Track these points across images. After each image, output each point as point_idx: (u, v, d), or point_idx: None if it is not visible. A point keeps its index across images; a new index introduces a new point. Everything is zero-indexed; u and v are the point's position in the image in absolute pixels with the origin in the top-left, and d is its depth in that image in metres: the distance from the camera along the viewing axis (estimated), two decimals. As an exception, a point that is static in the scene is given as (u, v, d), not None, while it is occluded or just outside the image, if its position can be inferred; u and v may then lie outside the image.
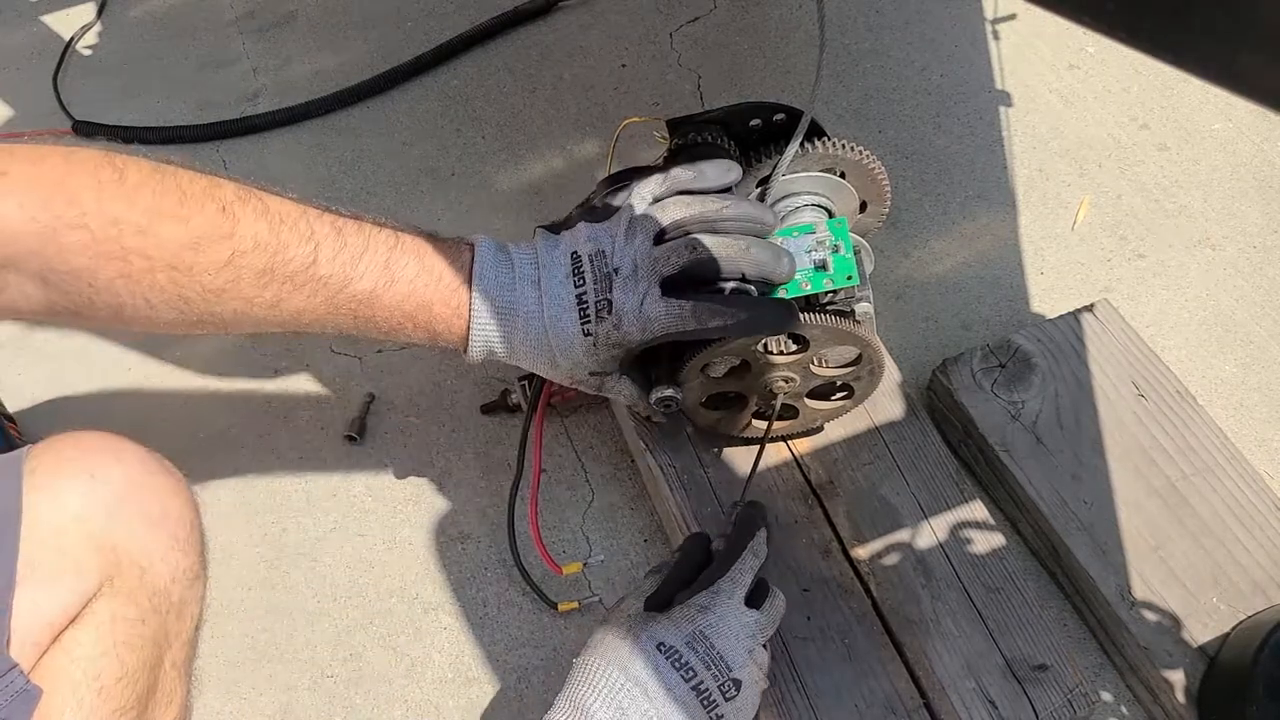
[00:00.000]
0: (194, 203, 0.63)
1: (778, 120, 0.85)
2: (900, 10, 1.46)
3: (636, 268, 0.72)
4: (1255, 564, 0.89)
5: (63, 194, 0.58)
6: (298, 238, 0.67)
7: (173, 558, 0.72)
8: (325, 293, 0.69)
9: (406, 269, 0.71)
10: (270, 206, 0.66)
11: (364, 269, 0.69)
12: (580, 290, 0.72)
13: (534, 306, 0.73)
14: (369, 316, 0.71)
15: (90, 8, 1.63)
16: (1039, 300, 1.16)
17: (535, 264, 0.74)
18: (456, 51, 1.46)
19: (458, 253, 0.73)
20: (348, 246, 0.69)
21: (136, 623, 0.68)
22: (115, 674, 0.65)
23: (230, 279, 0.65)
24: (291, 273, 0.66)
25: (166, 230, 0.61)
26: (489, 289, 0.72)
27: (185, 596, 0.74)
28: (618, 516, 1.02)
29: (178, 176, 0.63)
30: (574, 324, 0.73)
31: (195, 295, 0.64)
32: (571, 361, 0.75)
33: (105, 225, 0.58)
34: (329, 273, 0.68)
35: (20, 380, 1.17)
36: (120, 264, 0.60)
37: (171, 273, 0.62)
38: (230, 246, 0.64)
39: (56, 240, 0.57)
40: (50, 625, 0.64)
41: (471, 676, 0.94)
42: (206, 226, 0.63)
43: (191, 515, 0.76)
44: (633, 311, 0.72)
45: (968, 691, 0.81)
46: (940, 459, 0.94)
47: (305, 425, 1.11)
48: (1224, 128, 1.31)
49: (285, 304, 0.68)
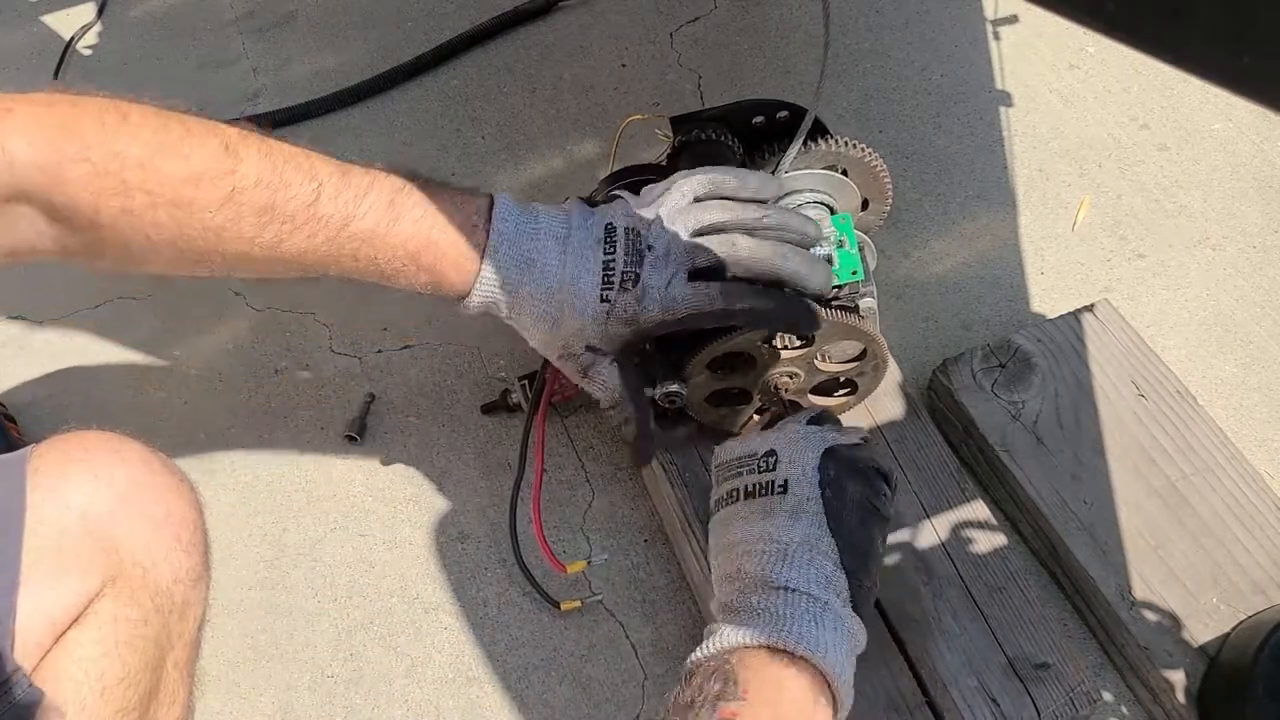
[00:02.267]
0: (196, 139, 0.63)
1: (781, 118, 0.85)
2: (900, 10, 1.46)
3: (670, 250, 0.72)
4: (1255, 564, 0.89)
5: (67, 131, 0.59)
6: (300, 176, 0.66)
7: (175, 558, 0.72)
8: (326, 232, 0.67)
9: (413, 210, 0.70)
10: (273, 147, 0.66)
11: (366, 207, 0.68)
12: (609, 258, 0.72)
13: (554, 260, 0.72)
14: (371, 257, 0.70)
15: (90, 8, 1.63)
16: (1039, 300, 1.16)
17: (566, 224, 0.73)
18: (456, 51, 1.46)
19: (471, 199, 0.73)
20: (351, 185, 0.68)
21: (139, 623, 0.68)
22: (117, 674, 0.65)
23: (230, 217, 0.64)
24: (293, 211, 0.66)
25: (168, 165, 0.62)
26: (509, 236, 0.71)
27: (188, 597, 0.74)
28: (618, 516, 1.02)
29: (182, 118, 0.64)
30: (594, 288, 0.72)
31: (195, 233, 0.64)
32: (576, 326, 0.74)
33: (107, 159, 0.60)
34: (331, 211, 0.67)
35: (20, 380, 1.17)
36: (122, 199, 0.61)
37: (172, 209, 0.62)
38: (231, 183, 0.63)
39: (61, 174, 0.59)
40: (52, 625, 0.64)
41: (472, 676, 0.94)
42: (208, 162, 0.63)
43: (195, 516, 0.76)
44: (658, 288, 0.72)
45: (970, 689, 0.82)
46: (941, 459, 0.94)
47: (305, 425, 1.11)
48: (1224, 128, 1.31)
49: (286, 244, 0.67)
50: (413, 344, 1.17)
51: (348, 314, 1.20)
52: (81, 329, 1.21)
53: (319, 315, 1.20)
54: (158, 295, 1.23)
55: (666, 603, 0.97)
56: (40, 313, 1.23)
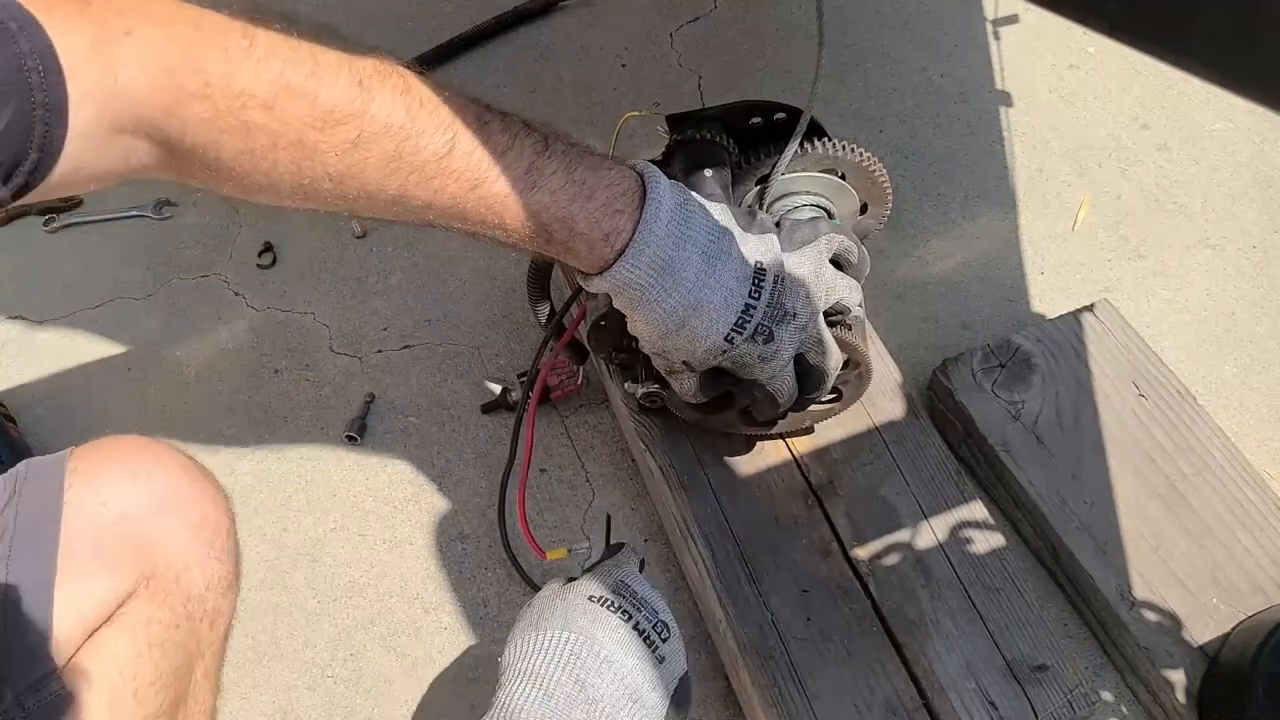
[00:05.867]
0: (327, 74, 0.58)
1: (778, 119, 0.85)
2: (900, 10, 1.46)
3: (806, 327, 0.72)
4: (1255, 564, 0.89)
5: (189, 62, 0.53)
6: (435, 124, 0.60)
7: (209, 565, 0.72)
8: (455, 188, 0.62)
9: (553, 178, 0.64)
10: (411, 86, 0.60)
11: (502, 169, 0.62)
12: (752, 302, 0.69)
13: (692, 276, 0.67)
14: (498, 221, 0.65)
15: (90, 7, 1.63)
16: (1039, 300, 1.16)
17: (716, 238, 0.69)
18: (456, 51, 1.46)
19: (620, 175, 0.67)
20: (490, 141, 0.62)
21: (170, 627, 0.68)
22: (149, 677, 0.65)
23: (355, 162, 0.59)
24: (422, 162, 0.60)
25: (294, 106, 0.56)
26: (659, 235, 0.66)
27: (219, 605, 0.74)
28: (618, 516, 1.02)
29: (313, 48, 0.59)
30: (725, 325, 0.69)
31: (318, 175, 0.59)
32: (687, 346, 0.71)
33: (229, 98, 0.54)
34: (463, 166, 0.62)
35: (21, 380, 1.17)
36: (244, 138, 0.56)
37: (294, 151, 0.58)
38: (358, 127, 0.58)
39: (179, 111, 0.54)
40: (84, 622, 0.64)
41: (472, 676, 0.94)
42: (336, 100, 0.57)
43: (228, 524, 0.76)
44: (783, 359, 0.72)
45: (968, 692, 0.81)
46: (940, 459, 0.94)
47: (305, 425, 1.11)
48: (1224, 128, 1.31)
49: (411, 195, 0.62)
50: (413, 344, 1.17)
51: (348, 314, 1.20)
52: (81, 329, 1.21)
53: (319, 315, 1.20)
54: (158, 295, 1.23)
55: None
56: (40, 313, 1.23)
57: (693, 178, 0.80)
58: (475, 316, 1.18)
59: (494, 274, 1.21)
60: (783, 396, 0.74)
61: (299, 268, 1.24)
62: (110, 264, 1.26)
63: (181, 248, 1.26)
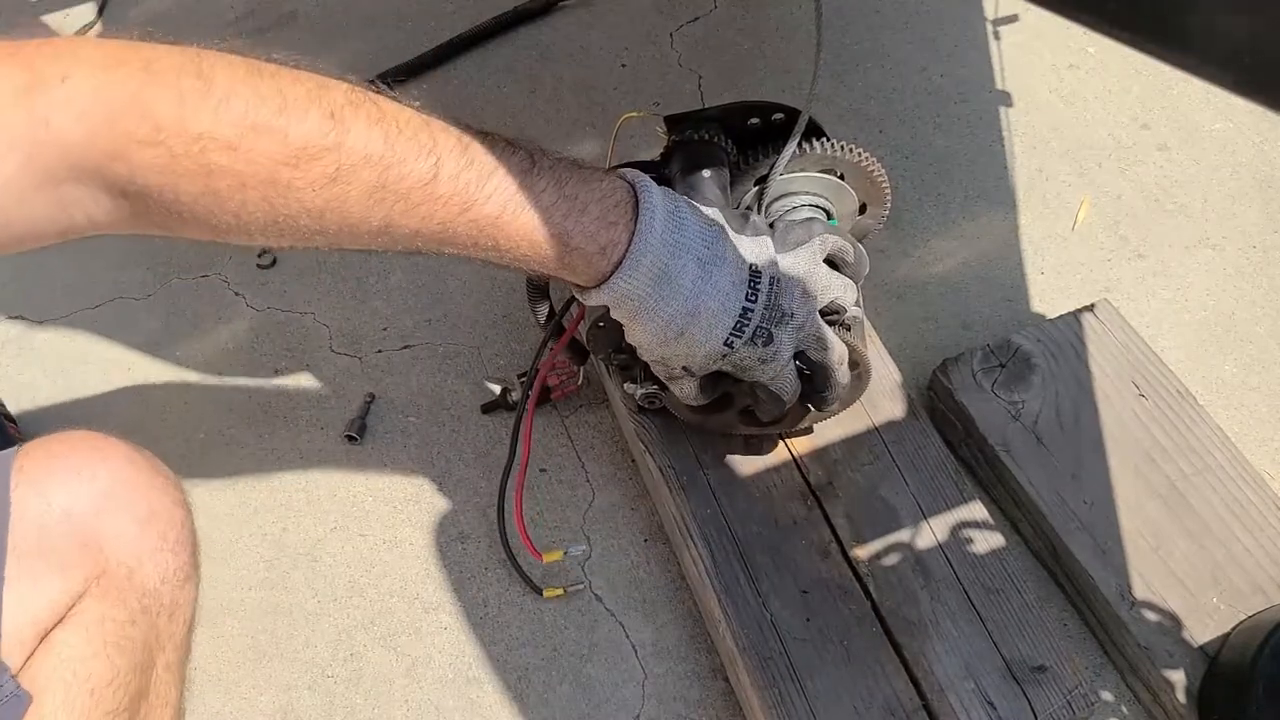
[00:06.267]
0: (296, 109, 0.54)
1: (776, 119, 0.84)
2: (900, 10, 1.46)
3: (804, 327, 0.72)
4: (1255, 564, 0.89)
5: (136, 107, 0.50)
6: (416, 149, 0.58)
7: (162, 558, 0.72)
8: (444, 214, 0.60)
9: (544, 195, 0.63)
10: (386, 113, 0.58)
11: (490, 190, 0.61)
12: (750, 305, 0.69)
13: (689, 283, 0.67)
14: (491, 243, 0.63)
15: (90, 8, 1.63)
16: (1039, 300, 1.16)
17: (710, 244, 0.68)
18: (456, 51, 1.46)
19: (611, 187, 0.66)
20: (476, 163, 0.60)
21: (126, 624, 0.67)
22: (106, 676, 0.64)
23: (335, 196, 0.56)
24: (406, 190, 0.58)
25: (261, 145, 0.53)
26: (655, 245, 0.66)
27: (176, 598, 0.73)
28: (618, 516, 1.02)
29: (278, 78, 0.55)
30: (724, 330, 0.69)
31: (293, 213, 0.56)
32: (685, 352, 0.71)
33: (186, 142, 0.51)
34: (449, 192, 0.59)
35: (21, 380, 1.17)
36: (204, 181, 0.52)
37: (266, 190, 0.54)
38: (335, 160, 0.55)
39: (126, 159, 0.50)
40: (36, 624, 0.63)
41: (472, 676, 0.94)
42: (308, 135, 0.54)
43: (181, 515, 0.75)
44: (783, 358, 0.72)
45: (967, 693, 0.81)
46: (940, 459, 0.94)
47: (305, 425, 1.11)
48: (1224, 128, 1.31)
49: (397, 225, 0.60)
50: (413, 344, 1.17)
51: (348, 314, 1.20)
52: (81, 329, 1.21)
53: (319, 315, 1.20)
54: (158, 295, 1.23)
55: (666, 603, 0.97)
56: (40, 313, 1.23)
57: (691, 178, 0.80)
58: (475, 316, 1.18)
59: (494, 274, 1.21)
60: (786, 395, 0.74)
61: (299, 268, 1.24)
62: (110, 264, 1.26)
63: (181, 248, 1.26)
